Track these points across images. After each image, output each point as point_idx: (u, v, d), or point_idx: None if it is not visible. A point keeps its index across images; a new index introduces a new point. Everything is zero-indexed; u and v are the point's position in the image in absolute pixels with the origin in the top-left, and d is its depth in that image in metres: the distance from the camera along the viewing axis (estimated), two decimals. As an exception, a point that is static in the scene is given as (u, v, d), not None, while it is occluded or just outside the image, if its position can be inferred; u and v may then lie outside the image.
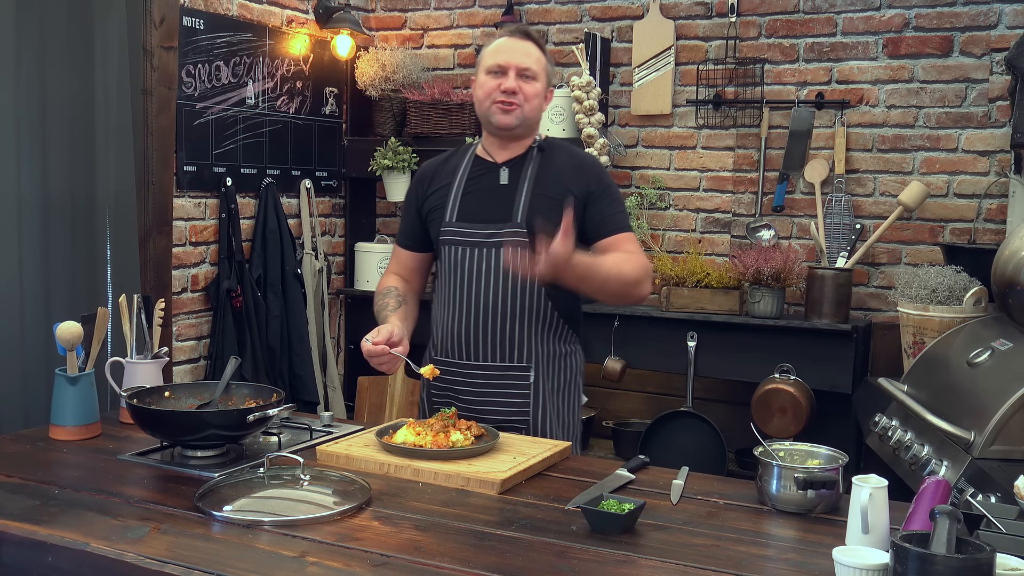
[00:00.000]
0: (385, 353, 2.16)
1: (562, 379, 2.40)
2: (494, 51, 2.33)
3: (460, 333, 2.35)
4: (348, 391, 4.45)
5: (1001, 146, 3.62)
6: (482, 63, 2.35)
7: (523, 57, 2.30)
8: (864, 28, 3.81)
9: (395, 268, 2.52)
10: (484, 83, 2.32)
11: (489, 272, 2.31)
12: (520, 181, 2.33)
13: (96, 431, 2.23)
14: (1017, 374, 2.39)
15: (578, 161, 2.39)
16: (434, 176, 2.43)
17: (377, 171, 4.26)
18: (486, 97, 2.31)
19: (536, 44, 2.34)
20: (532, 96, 2.31)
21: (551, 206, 2.27)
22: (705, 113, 4.07)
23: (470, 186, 2.36)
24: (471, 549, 1.58)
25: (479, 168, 2.39)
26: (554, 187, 2.31)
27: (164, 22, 3.41)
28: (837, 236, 3.81)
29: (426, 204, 2.42)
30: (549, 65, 2.37)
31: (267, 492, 1.78)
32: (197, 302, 3.77)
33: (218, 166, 3.80)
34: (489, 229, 2.31)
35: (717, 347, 3.78)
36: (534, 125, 2.37)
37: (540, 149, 2.37)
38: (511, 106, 2.29)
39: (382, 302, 2.39)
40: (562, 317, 2.37)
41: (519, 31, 2.36)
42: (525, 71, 2.30)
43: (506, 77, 2.29)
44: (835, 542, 1.54)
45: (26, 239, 2.87)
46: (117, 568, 1.51)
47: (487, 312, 2.32)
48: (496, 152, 2.38)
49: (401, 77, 4.30)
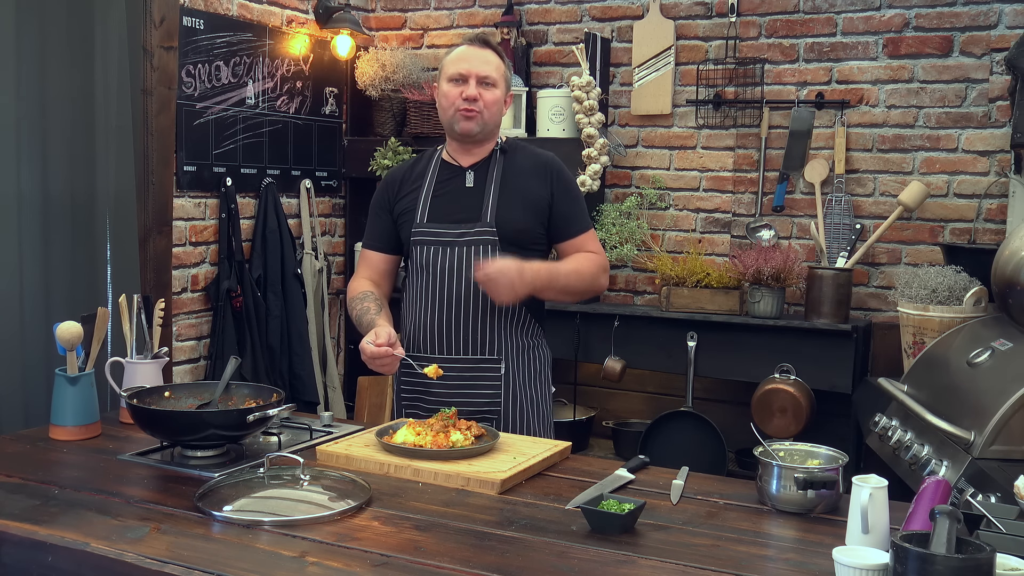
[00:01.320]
0: (388, 355, 2.20)
1: (532, 370, 2.49)
2: (455, 59, 2.42)
3: (432, 328, 2.43)
4: (348, 391, 4.45)
5: (1001, 146, 3.62)
6: (444, 71, 2.44)
7: (483, 65, 2.39)
8: (864, 28, 3.81)
9: (365, 272, 2.57)
10: (447, 92, 2.41)
11: (459, 269, 2.40)
12: (486, 183, 2.43)
13: (96, 431, 2.23)
14: (1017, 374, 2.39)
15: (539, 160, 2.49)
16: (402, 181, 2.52)
17: (377, 171, 4.26)
18: (449, 105, 2.40)
19: (495, 52, 2.44)
20: (492, 103, 2.40)
21: (516, 203, 2.41)
22: (705, 113, 4.07)
23: (439, 189, 2.46)
24: (471, 549, 1.58)
25: (446, 172, 2.48)
26: (518, 187, 2.43)
27: (164, 22, 3.41)
28: (837, 236, 3.81)
29: (396, 207, 2.51)
30: (508, 72, 2.47)
31: (267, 492, 1.78)
32: (197, 302, 3.77)
33: (218, 166, 3.80)
34: (459, 229, 2.40)
35: (717, 347, 3.78)
36: (495, 130, 2.47)
37: (503, 151, 2.48)
38: (472, 113, 2.38)
39: (362, 306, 2.42)
40: (529, 312, 2.47)
41: (478, 39, 2.45)
42: (485, 79, 2.39)
43: (467, 85, 2.38)
44: (835, 542, 1.54)
45: (26, 239, 2.87)
46: (117, 568, 1.51)
47: (458, 307, 2.40)
48: (460, 157, 2.48)
49: (401, 77, 4.30)
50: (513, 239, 2.39)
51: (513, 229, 2.39)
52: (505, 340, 2.42)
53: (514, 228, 2.39)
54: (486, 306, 2.39)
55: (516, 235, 2.39)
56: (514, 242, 2.39)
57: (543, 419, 2.51)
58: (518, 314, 2.44)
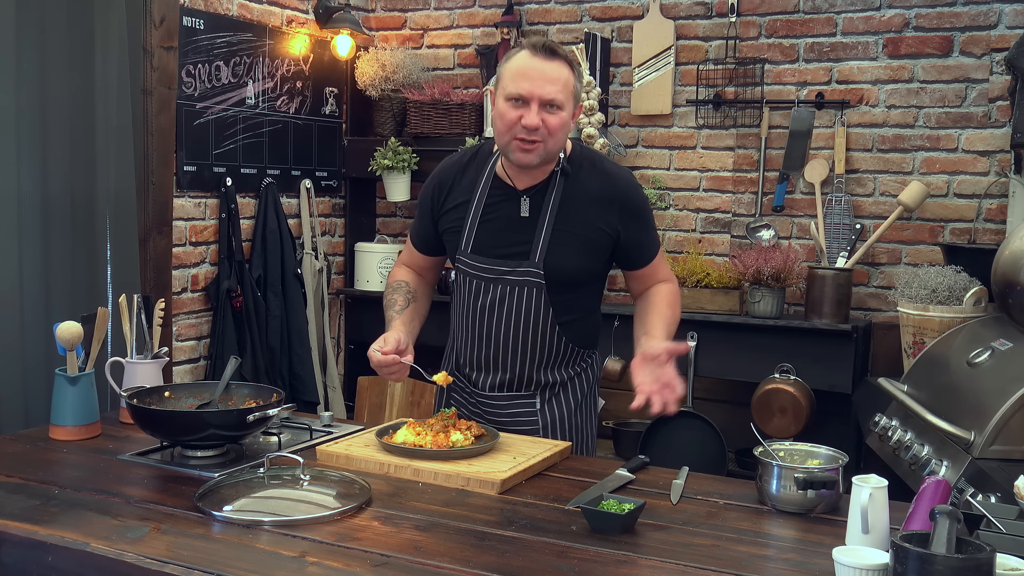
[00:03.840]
0: (395, 363, 2.12)
1: (573, 400, 2.35)
2: (516, 74, 2.08)
3: (470, 360, 2.33)
4: (348, 391, 4.45)
5: (1001, 146, 3.62)
6: (501, 84, 2.11)
7: (548, 86, 2.05)
8: (864, 28, 3.81)
9: (408, 260, 2.44)
10: (504, 112, 2.08)
11: (501, 309, 2.23)
12: (541, 214, 2.19)
13: (96, 431, 2.23)
14: (1017, 374, 2.39)
15: (607, 184, 2.21)
16: (452, 188, 2.28)
17: (377, 171, 4.26)
18: (507, 130, 2.09)
19: (564, 62, 2.09)
20: (557, 129, 2.08)
21: (572, 241, 2.19)
22: (705, 113, 4.07)
23: (488, 213, 2.22)
24: (471, 549, 1.58)
25: (498, 193, 2.23)
26: (577, 221, 2.19)
27: (164, 22, 3.41)
28: (837, 236, 3.81)
29: (442, 221, 2.30)
30: (578, 84, 2.13)
31: (267, 492, 1.78)
32: (197, 302, 3.77)
33: (218, 166, 3.80)
34: (505, 266, 2.21)
35: (717, 347, 3.78)
36: (557, 154, 2.17)
37: (564, 173, 2.19)
38: (533, 144, 2.08)
39: (391, 297, 2.34)
40: (576, 346, 2.32)
41: (544, 48, 2.08)
42: (551, 102, 2.06)
43: (528, 109, 2.05)
44: (835, 542, 1.54)
45: (26, 239, 2.87)
46: (117, 568, 1.51)
47: (498, 347, 2.26)
48: (516, 177, 2.21)
49: (401, 77, 4.30)
50: (562, 280, 2.20)
51: (563, 271, 2.19)
52: (544, 378, 2.29)
53: (564, 270, 2.19)
54: (526, 349, 2.25)
55: (567, 278, 2.21)
56: (563, 283, 2.21)
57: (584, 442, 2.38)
58: (563, 352, 2.29)
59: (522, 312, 2.22)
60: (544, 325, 2.23)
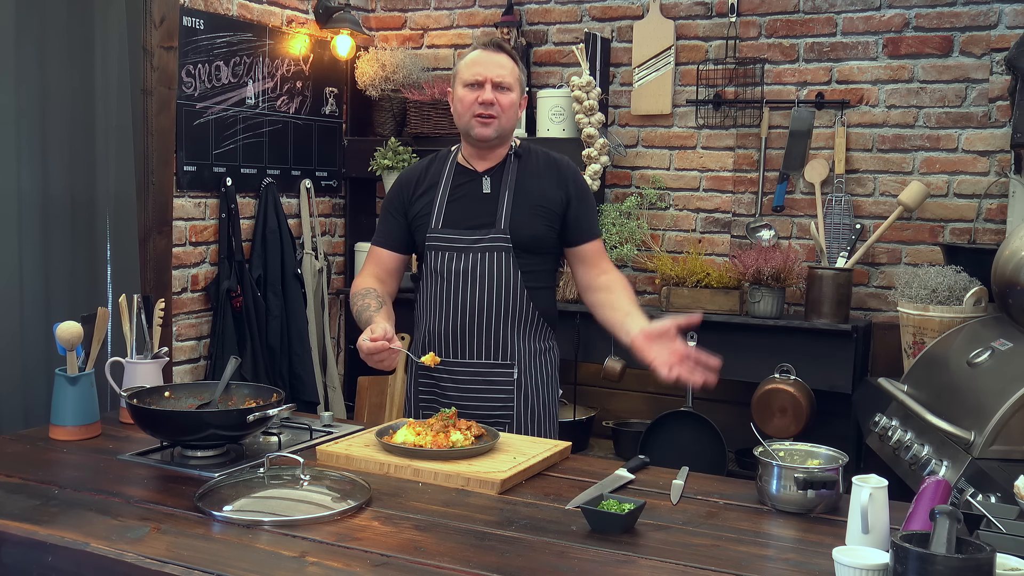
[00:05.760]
0: (385, 348, 2.17)
1: (544, 374, 2.51)
2: (469, 64, 2.43)
3: (446, 333, 2.45)
4: (348, 391, 4.45)
5: (1001, 146, 3.62)
6: (458, 76, 2.44)
7: (497, 69, 2.40)
8: (864, 28, 3.81)
9: (372, 269, 2.57)
10: (462, 96, 2.42)
11: (473, 275, 2.41)
12: (501, 189, 2.45)
13: (96, 431, 2.23)
14: (1017, 374, 2.39)
15: (554, 165, 2.50)
16: (417, 183, 2.52)
17: (377, 171, 4.26)
18: (466, 111, 2.41)
19: (509, 55, 2.45)
20: (508, 107, 2.41)
21: (530, 210, 2.43)
22: (705, 113, 4.07)
23: (454, 194, 2.47)
24: (471, 549, 1.58)
25: (462, 177, 2.49)
26: (532, 192, 2.45)
27: (164, 22, 3.41)
28: (837, 236, 3.81)
29: (412, 208, 2.51)
30: (522, 75, 2.48)
31: (267, 492, 1.78)
32: (197, 302, 3.77)
33: (218, 166, 3.80)
34: (474, 235, 2.42)
35: (717, 347, 3.70)
36: (510, 134, 2.48)
37: (517, 156, 2.49)
38: (489, 119, 2.39)
39: (363, 303, 2.41)
40: (542, 316, 2.49)
41: (492, 44, 2.46)
42: (500, 83, 2.40)
43: (483, 89, 2.39)
44: (835, 542, 1.54)
45: (26, 239, 2.87)
46: (117, 568, 1.51)
47: (472, 313, 2.42)
48: (476, 161, 2.49)
49: (401, 77, 4.30)
50: (527, 246, 2.42)
51: (527, 236, 2.42)
52: (518, 345, 2.45)
53: (528, 235, 2.42)
54: (499, 312, 2.42)
55: (530, 241, 2.43)
56: (528, 248, 2.43)
57: (552, 421, 2.54)
58: (531, 319, 2.46)
59: (494, 275, 2.41)
60: (514, 288, 2.42)
